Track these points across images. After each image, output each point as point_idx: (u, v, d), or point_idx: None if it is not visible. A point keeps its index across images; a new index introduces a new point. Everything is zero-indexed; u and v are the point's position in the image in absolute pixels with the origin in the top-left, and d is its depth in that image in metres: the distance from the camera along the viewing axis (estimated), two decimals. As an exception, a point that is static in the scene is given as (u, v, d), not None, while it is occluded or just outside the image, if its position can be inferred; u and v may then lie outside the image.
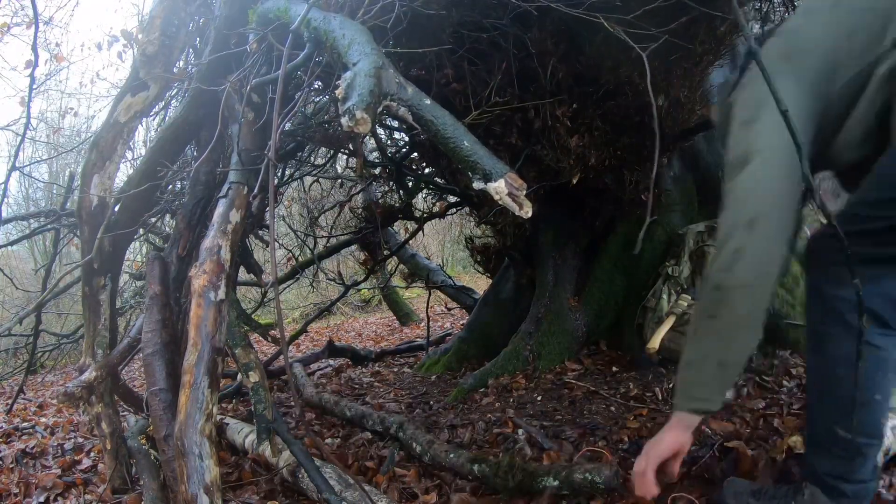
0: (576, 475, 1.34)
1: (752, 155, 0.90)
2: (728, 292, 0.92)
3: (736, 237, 0.91)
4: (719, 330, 0.95)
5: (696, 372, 0.99)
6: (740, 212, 0.91)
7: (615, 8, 1.49)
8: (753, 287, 0.91)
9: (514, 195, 0.91)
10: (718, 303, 0.94)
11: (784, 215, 0.90)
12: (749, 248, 0.89)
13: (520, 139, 2.18)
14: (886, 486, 1.31)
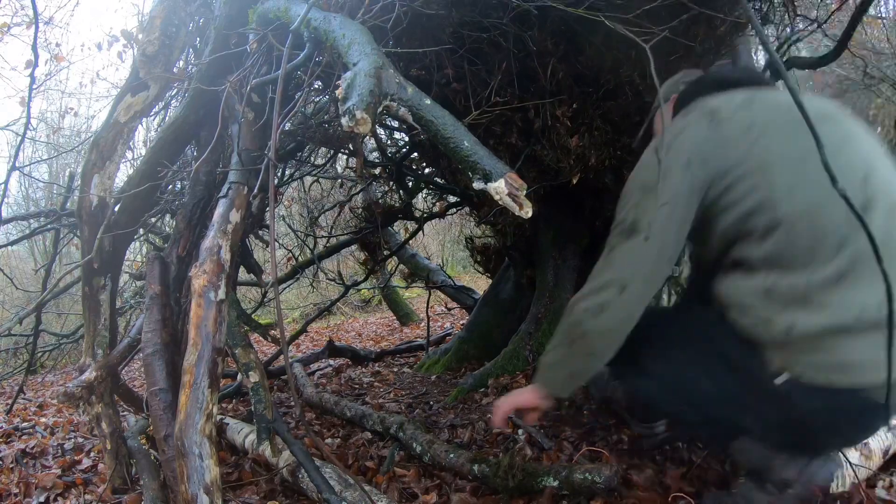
0: (576, 475, 1.34)
1: (639, 230, 1.06)
2: (588, 334, 1.10)
3: (607, 292, 1.07)
4: (573, 354, 1.14)
5: (552, 372, 1.19)
6: (617, 274, 1.08)
7: (615, 7, 1.49)
8: (610, 334, 1.09)
9: (515, 195, 0.91)
10: (578, 337, 1.11)
11: (650, 287, 1.08)
12: (615, 305, 1.06)
13: (520, 139, 2.18)
14: (886, 487, 1.31)
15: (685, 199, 1.04)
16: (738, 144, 1.02)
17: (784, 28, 2.32)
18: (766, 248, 0.99)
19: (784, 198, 0.98)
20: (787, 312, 0.97)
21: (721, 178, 1.02)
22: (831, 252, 0.95)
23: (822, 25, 2.34)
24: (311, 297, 7.64)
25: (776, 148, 1.00)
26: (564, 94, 2.09)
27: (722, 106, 1.08)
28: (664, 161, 1.02)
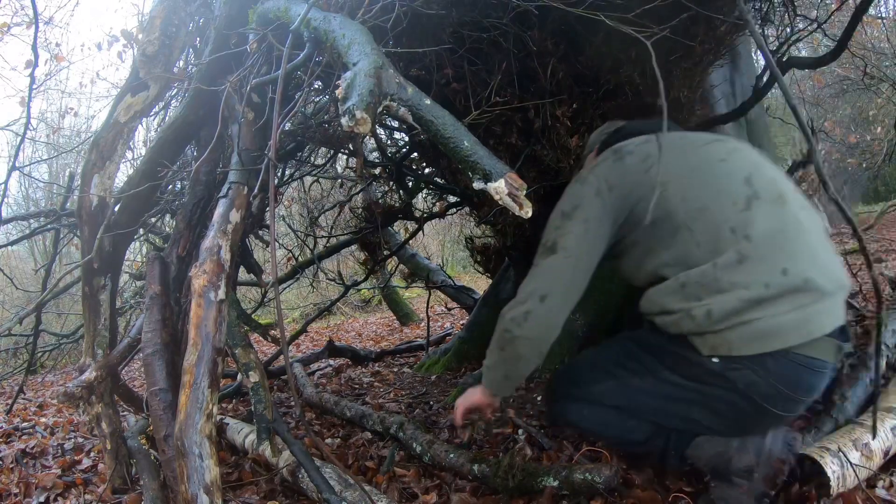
0: (576, 475, 1.34)
1: (559, 248, 1.21)
2: (515, 339, 1.23)
3: (530, 302, 1.21)
4: (505, 359, 1.27)
5: (490, 374, 1.33)
6: (539, 286, 1.21)
7: (615, 7, 1.49)
8: (534, 340, 1.23)
9: (515, 195, 0.91)
10: (507, 342, 1.24)
11: (569, 296, 1.22)
12: (537, 313, 1.20)
13: (520, 139, 2.18)
14: (886, 487, 1.31)
15: (597, 221, 1.21)
16: (637, 172, 1.20)
17: (784, 28, 2.32)
18: (675, 251, 1.15)
19: (679, 206, 1.15)
20: (703, 300, 1.09)
21: (627, 199, 1.20)
22: (728, 240, 1.10)
23: (822, 25, 2.34)
24: (311, 297, 7.64)
25: (668, 168, 1.16)
26: (564, 94, 2.09)
27: (625, 145, 1.27)
28: (580, 192, 1.22)
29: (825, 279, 1.06)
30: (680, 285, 1.13)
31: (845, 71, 7.05)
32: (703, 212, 1.14)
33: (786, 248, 1.07)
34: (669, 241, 1.16)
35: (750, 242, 1.10)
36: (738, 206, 1.12)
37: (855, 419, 1.51)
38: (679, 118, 2.19)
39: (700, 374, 1.13)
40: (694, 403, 1.18)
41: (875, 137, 8.11)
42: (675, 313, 1.14)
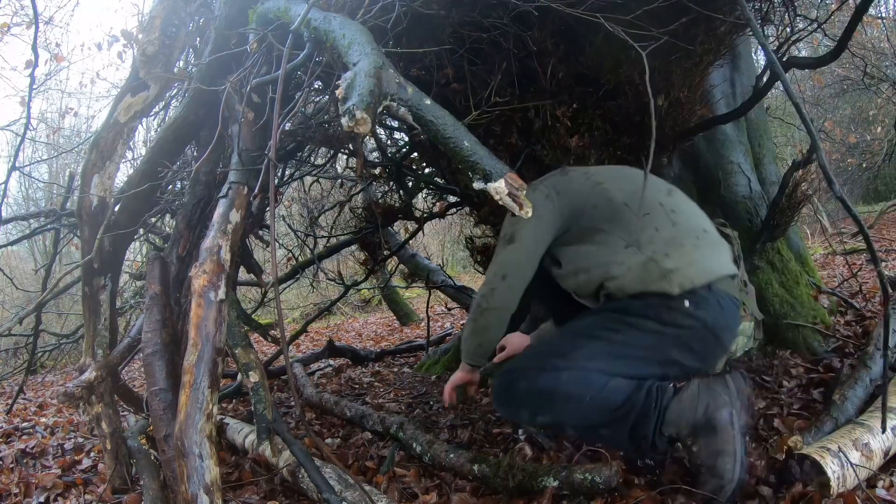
0: (576, 475, 1.34)
1: (514, 240, 1.49)
2: (484, 311, 1.52)
3: (494, 282, 1.50)
4: (477, 329, 1.56)
5: (466, 344, 1.60)
6: (501, 268, 1.50)
7: (615, 8, 1.49)
8: (499, 310, 1.50)
9: (515, 195, 0.91)
10: (479, 315, 1.54)
11: (523, 276, 1.49)
12: (500, 288, 1.49)
13: (520, 139, 2.18)
14: (886, 487, 1.31)
15: (546, 219, 1.49)
16: (580, 180, 1.55)
17: (784, 28, 2.32)
18: (617, 223, 1.45)
19: (617, 193, 1.48)
20: (662, 251, 1.40)
21: (572, 199, 1.51)
22: (659, 211, 1.47)
23: (822, 25, 2.34)
24: (311, 297, 7.64)
25: (604, 175, 1.55)
26: (564, 94, 2.09)
27: (568, 167, 1.64)
28: (532, 197, 1.34)
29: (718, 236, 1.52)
30: (637, 245, 1.42)
31: (845, 71, 7.06)
32: (636, 194, 1.44)
33: (698, 218, 1.53)
34: (611, 216, 1.46)
35: (676, 214, 1.47)
36: (662, 192, 1.53)
37: (855, 419, 1.52)
38: (679, 118, 2.19)
39: (676, 318, 1.36)
40: (674, 345, 1.38)
41: (875, 137, 8.11)
42: (638, 268, 1.39)
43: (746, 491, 1.33)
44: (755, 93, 2.08)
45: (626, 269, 1.40)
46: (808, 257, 2.57)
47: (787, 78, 1.37)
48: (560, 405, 1.36)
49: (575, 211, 1.51)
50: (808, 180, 2.21)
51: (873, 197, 9.13)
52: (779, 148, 6.16)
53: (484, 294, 1.52)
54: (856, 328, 2.20)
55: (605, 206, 1.48)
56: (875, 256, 0.88)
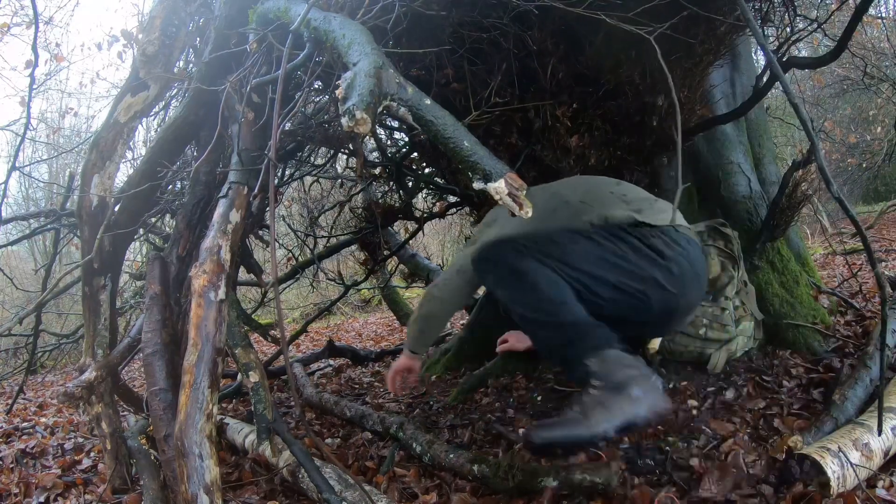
0: (575, 475, 1.34)
1: (478, 242, 1.64)
2: (433, 298, 1.72)
3: (450, 273, 1.71)
4: (422, 315, 1.76)
5: (411, 330, 1.82)
6: (458, 262, 1.69)
7: (615, 7, 1.49)
8: (445, 301, 1.71)
9: (515, 195, 0.91)
10: (427, 301, 1.74)
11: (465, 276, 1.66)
12: (452, 280, 1.68)
13: (520, 139, 2.18)
14: (886, 487, 1.31)
15: (508, 227, 1.63)
16: (537, 191, 1.57)
17: (784, 28, 2.32)
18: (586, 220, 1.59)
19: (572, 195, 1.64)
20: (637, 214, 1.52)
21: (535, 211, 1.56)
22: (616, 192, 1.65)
23: (822, 25, 2.34)
24: (311, 297, 7.64)
25: (556, 185, 1.76)
26: (564, 94, 2.09)
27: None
28: (497, 210, 1.71)
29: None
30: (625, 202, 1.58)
31: (845, 71, 7.06)
32: (590, 192, 1.66)
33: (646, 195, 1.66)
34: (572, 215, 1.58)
35: (626, 195, 1.62)
36: (611, 184, 1.71)
37: (855, 419, 1.52)
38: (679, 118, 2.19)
39: (658, 244, 1.46)
40: (655, 266, 1.44)
41: (875, 137, 8.11)
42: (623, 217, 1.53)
43: (747, 491, 1.33)
44: (755, 93, 2.08)
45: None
46: (808, 257, 2.57)
47: (787, 78, 1.37)
48: (523, 289, 1.42)
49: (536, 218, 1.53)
50: (808, 180, 2.21)
51: (873, 197, 9.13)
52: (779, 148, 6.16)
53: (437, 284, 1.73)
54: (856, 328, 2.20)
55: (563, 208, 1.61)
56: (872, 257, 0.88)
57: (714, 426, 1.69)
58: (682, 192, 2.33)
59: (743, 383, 1.95)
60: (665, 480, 1.45)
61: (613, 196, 1.62)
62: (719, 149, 2.48)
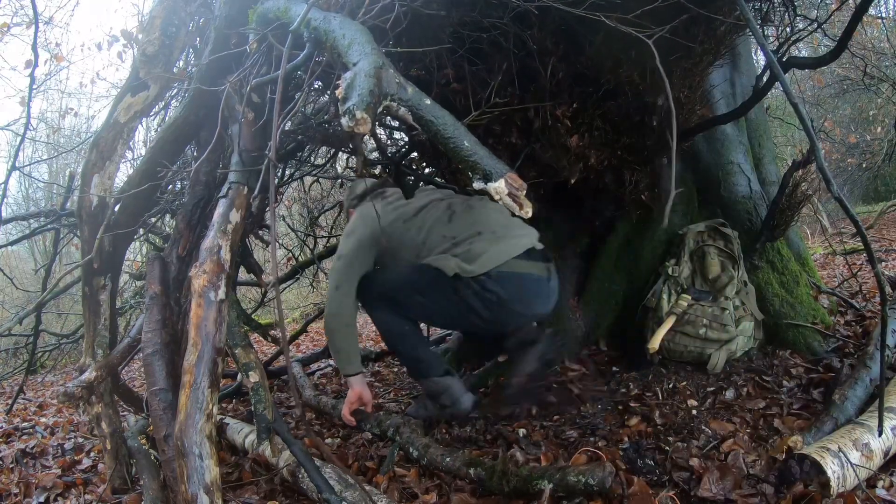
0: (570, 477, 1.34)
1: (342, 257, 1.90)
2: (328, 319, 1.92)
3: (330, 292, 1.90)
4: (332, 340, 1.95)
5: (336, 359, 1.99)
6: (334, 281, 1.91)
7: (615, 7, 1.49)
8: (336, 315, 1.89)
9: (515, 195, 0.91)
10: (327, 325, 1.95)
11: (350, 284, 1.88)
12: (333, 297, 1.89)
13: (520, 139, 2.18)
14: (886, 487, 1.31)
15: (367, 241, 1.89)
16: (392, 208, 1.95)
17: (784, 28, 2.32)
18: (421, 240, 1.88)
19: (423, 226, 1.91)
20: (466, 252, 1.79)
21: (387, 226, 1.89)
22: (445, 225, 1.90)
23: (822, 25, 2.34)
24: (312, 297, 7.63)
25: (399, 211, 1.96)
26: (564, 94, 2.09)
27: (390, 193, 2.09)
28: (352, 225, 1.94)
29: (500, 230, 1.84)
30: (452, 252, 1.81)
31: (845, 71, 7.05)
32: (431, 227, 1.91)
33: (477, 222, 1.86)
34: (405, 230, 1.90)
35: (455, 236, 1.84)
36: (442, 225, 1.90)
37: (855, 419, 1.52)
38: (679, 118, 2.19)
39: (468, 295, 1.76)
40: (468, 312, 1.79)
41: (875, 137, 8.11)
42: (452, 262, 1.78)
43: (747, 491, 1.33)
44: (755, 93, 2.08)
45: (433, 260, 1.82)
46: (808, 257, 2.57)
47: (787, 78, 1.37)
48: (377, 323, 2.01)
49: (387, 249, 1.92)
50: (808, 180, 2.21)
51: (873, 197, 9.12)
52: (779, 148, 6.15)
53: (327, 305, 1.92)
54: (856, 328, 2.20)
55: (409, 245, 1.90)
56: (872, 257, 0.88)
57: (714, 426, 1.69)
58: (683, 192, 2.33)
59: (743, 383, 1.95)
60: (665, 480, 1.45)
61: (445, 240, 1.84)
62: (719, 149, 2.48)
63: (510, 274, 1.75)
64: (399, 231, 1.90)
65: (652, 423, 1.76)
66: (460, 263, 1.76)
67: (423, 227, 1.90)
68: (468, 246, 1.78)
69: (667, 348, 2.14)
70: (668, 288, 2.22)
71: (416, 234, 1.89)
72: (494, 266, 1.74)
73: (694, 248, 2.27)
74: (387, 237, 1.88)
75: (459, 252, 1.78)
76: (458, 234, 1.84)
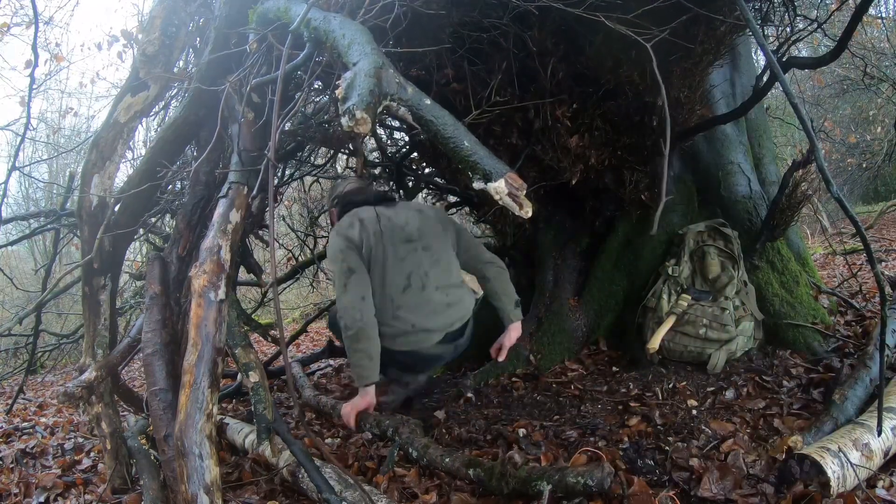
0: (569, 478, 1.33)
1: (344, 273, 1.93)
2: (360, 330, 1.88)
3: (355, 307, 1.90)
4: (360, 349, 1.90)
5: (358, 369, 1.92)
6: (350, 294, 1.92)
7: (615, 7, 1.49)
8: (369, 325, 1.91)
9: (515, 195, 0.91)
10: (356, 337, 1.89)
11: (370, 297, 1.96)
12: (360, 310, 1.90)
13: (520, 139, 2.18)
14: (886, 487, 1.31)
15: (356, 258, 1.93)
16: (365, 241, 1.94)
17: (784, 28, 2.32)
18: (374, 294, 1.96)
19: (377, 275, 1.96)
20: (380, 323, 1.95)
21: (364, 249, 1.94)
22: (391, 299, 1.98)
23: (822, 25, 2.34)
24: (312, 297, 7.63)
25: (375, 249, 1.95)
26: (564, 94, 2.09)
27: (366, 217, 2.00)
28: (335, 241, 1.97)
29: (432, 324, 2.00)
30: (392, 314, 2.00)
31: (845, 71, 7.05)
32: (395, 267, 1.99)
33: (417, 311, 1.98)
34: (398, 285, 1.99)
35: (401, 306, 1.97)
36: (398, 290, 1.98)
37: (855, 419, 1.52)
38: (679, 118, 2.19)
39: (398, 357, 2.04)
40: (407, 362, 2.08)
41: (875, 137, 8.10)
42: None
43: (747, 491, 1.33)
44: (755, 93, 2.08)
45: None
46: (808, 257, 2.57)
47: (787, 78, 1.37)
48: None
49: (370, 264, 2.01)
50: (808, 180, 2.21)
51: (873, 197, 9.11)
52: (779, 148, 6.15)
53: (354, 317, 1.88)
54: (856, 328, 2.20)
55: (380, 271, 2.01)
56: (872, 258, 0.88)
57: (714, 426, 1.69)
58: (683, 192, 2.32)
59: (743, 383, 1.95)
60: (665, 480, 1.45)
61: (391, 307, 1.97)
62: (719, 149, 2.48)
63: (416, 353, 2.04)
64: (375, 250, 1.96)
65: (652, 423, 1.76)
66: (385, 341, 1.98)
67: (389, 270, 1.97)
68: (399, 326, 1.97)
69: (667, 348, 2.14)
70: (668, 288, 2.22)
71: (381, 266, 1.97)
72: (408, 349, 2.02)
73: (694, 248, 2.27)
74: (366, 249, 1.95)
75: (389, 327, 1.97)
76: (402, 309, 1.98)
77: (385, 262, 1.94)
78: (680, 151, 2.47)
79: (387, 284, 1.95)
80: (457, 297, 2.06)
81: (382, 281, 1.94)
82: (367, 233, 1.94)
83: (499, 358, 2.15)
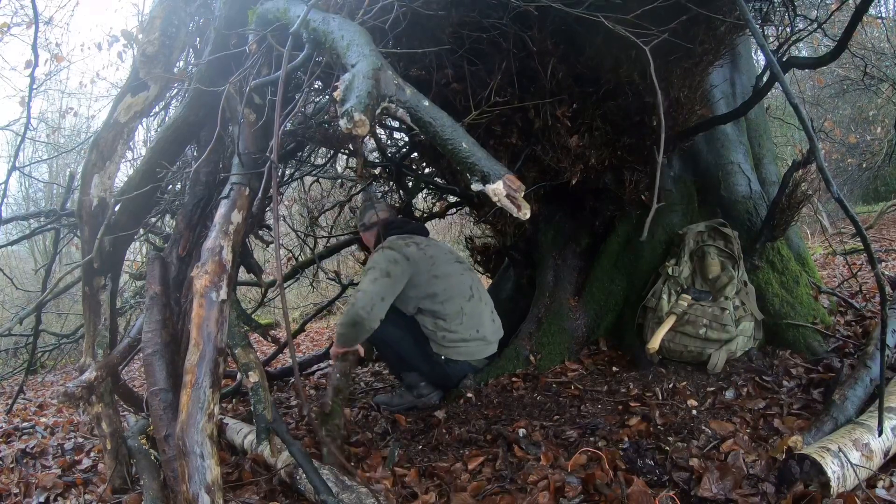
0: None
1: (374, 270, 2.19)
2: (363, 320, 2.10)
3: (376, 300, 2.12)
4: (355, 332, 2.16)
5: (342, 339, 2.24)
6: (380, 292, 2.14)
7: (615, 7, 1.49)
8: (371, 321, 2.12)
9: (513, 196, 0.91)
10: (358, 322, 2.12)
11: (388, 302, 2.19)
12: (378, 307, 2.12)
13: (520, 139, 2.18)
14: (886, 487, 1.31)
15: (400, 272, 2.18)
16: (424, 259, 2.23)
17: (784, 28, 2.32)
18: (437, 305, 2.24)
19: (443, 287, 2.24)
20: (443, 330, 2.25)
21: (415, 272, 2.20)
22: (460, 307, 2.26)
23: (822, 25, 2.34)
24: (311, 297, 7.63)
25: (439, 266, 2.26)
26: (564, 94, 2.09)
27: (420, 241, 2.31)
28: (390, 254, 2.21)
29: (490, 334, 2.36)
30: (434, 322, 2.27)
31: (845, 71, 7.05)
32: (451, 292, 2.29)
33: (480, 319, 2.32)
34: (439, 300, 2.26)
35: (469, 313, 2.28)
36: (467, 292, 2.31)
37: (855, 419, 1.52)
38: (679, 118, 2.19)
39: (432, 358, 2.28)
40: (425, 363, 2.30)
41: (875, 137, 8.10)
42: (431, 331, 2.28)
43: (747, 491, 1.33)
44: (755, 93, 2.08)
45: None
46: (808, 257, 2.57)
47: (787, 78, 1.38)
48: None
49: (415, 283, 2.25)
50: (808, 180, 2.21)
51: (873, 197, 9.11)
52: (779, 148, 6.15)
53: (364, 307, 2.09)
54: (856, 328, 2.20)
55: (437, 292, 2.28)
56: (872, 258, 0.88)
57: (714, 426, 1.69)
58: (682, 192, 2.32)
59: (743, 383, 1.95)
60: (665, 480, 1.45)
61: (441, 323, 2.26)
62: (719, 149, 2.48)
63: (465, 365, 2.30)
64: (437, 268, 2.24)
65: (652, 423, 1.76)
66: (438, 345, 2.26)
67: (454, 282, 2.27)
68: (462, 333, 2.26)
69: (667, 348, 2.14)
70: (668, 288, 2.22)
71: (446, 278, 2.25)
72: (460, 359, 2.28)
73: (694, 248, 2.27)
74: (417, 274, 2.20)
75: (453, 333, 2.24)
76: (468, 316, 2.27)
77: (449, 276, 2.25)
78: (680, 151, 2.47)
79: (455, 294, 2.23)
80: (498, 316, 2.42)
81: (451, 292, 2.23)
82: (423, 253, 2.23)
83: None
